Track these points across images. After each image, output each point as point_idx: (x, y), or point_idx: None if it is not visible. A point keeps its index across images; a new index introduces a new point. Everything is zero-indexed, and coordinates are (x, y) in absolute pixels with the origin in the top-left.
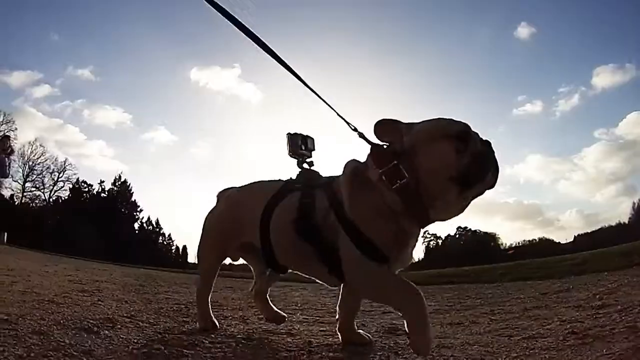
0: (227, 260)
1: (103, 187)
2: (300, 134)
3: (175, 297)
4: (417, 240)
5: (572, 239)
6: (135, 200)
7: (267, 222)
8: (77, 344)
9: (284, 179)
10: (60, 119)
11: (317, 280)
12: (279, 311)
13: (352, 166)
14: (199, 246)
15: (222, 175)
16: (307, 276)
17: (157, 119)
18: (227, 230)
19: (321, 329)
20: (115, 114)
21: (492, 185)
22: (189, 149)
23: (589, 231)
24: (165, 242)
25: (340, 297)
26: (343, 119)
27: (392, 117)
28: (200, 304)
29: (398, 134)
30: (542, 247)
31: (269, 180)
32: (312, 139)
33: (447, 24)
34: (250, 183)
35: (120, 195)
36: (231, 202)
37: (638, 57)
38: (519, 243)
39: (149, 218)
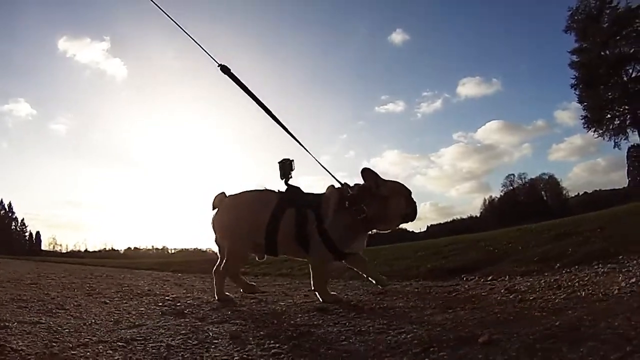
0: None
1: None
2: (287, 160)
3: None
4: (367, 236)
5: (425, 229)
6: None
7: (273, 228)
8: None
9: (271, 188)
10: None
11: (296, 258)
12: (250, 282)
13: (336, 193)
14: (228, 244)
15: (83, 155)
16: (291, 256)
17: (17, 90)
18: (246, 233)
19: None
20: None
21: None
22: (49, 124)
23: (442, 222)
24: (18, 228)
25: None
26: (329, 172)
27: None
28: (237, 283)
29: (375, 183)
30: (394, 234)
31: (261, 191)
32: (294, 162)
33: (325, 21)
34: (248, 192)
35: None
36: (243, 210)
37: (505, 75)
38: None
39: (1, 201)
